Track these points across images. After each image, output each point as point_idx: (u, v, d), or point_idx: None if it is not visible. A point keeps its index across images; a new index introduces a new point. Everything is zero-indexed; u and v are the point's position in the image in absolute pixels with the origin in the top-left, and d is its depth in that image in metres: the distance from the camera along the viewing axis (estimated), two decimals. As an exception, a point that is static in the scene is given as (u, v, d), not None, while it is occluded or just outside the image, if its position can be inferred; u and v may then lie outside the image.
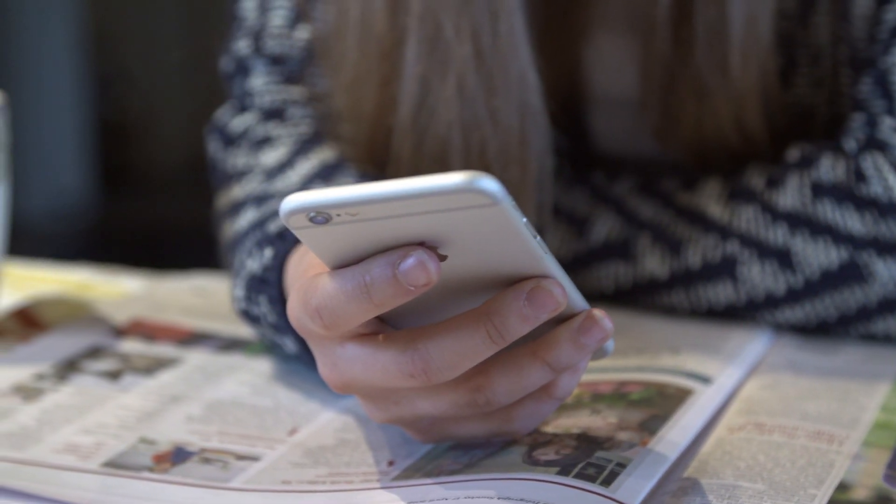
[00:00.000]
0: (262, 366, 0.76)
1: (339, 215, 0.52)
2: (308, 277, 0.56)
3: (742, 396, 0.69)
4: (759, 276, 0.77)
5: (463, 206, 0.51)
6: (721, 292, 0.78)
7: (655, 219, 0.80)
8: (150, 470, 0.63)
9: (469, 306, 0.56)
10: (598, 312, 0.57)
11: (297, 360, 0.74)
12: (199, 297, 0.88)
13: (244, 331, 0.80)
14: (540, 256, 0.54)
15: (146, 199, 3.20)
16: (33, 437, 0.66)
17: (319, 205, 0.51)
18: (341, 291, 0.54)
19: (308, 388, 0.72)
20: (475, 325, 0.55)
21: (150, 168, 3.31)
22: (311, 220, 0.52)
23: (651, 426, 0.64)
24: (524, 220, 0.52)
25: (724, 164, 0.81)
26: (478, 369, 0.57)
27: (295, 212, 0.52)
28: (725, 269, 0.78)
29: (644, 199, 0.81)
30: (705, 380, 0.70)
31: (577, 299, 0.57)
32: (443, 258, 0.54)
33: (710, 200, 0.80)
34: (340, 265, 0.55)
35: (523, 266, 0.55)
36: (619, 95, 0.85)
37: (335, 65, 0.80)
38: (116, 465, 0.64)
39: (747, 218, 0.78)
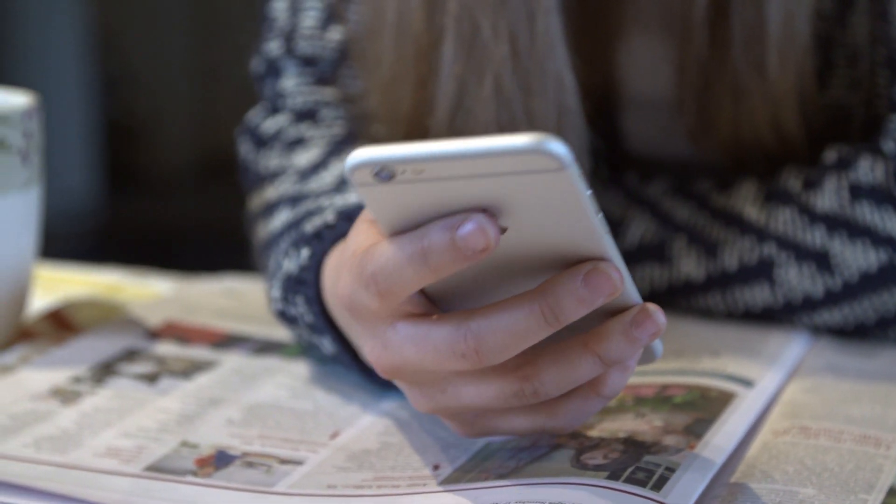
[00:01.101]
0: (299, 368, 0.75)
1: (403, 172, 0.51)
2: (363, 249, 0.56)
3: (784, 400, 0.69)
4: (797, 279, 0.77)
5: (529, 169, 0.50)
6: (758, 295, 0.78)
7: (691, 221, 0.80)
8: (194, 474, 0.63)
9: (522, 289, 0.55)
10: (652, 306, 0.56)
11: (334, 362, 0.74)
12: (231, 298, 0.87)
13: (279, 333, 0.80)
14: (600, 235, 0.54)
15: (153, 200, 3.20)
16: (74, 440, 0.66)
17: (386, 160, 0.51)
18: (399, 256, 0.53)
19: (347, 390, 0.72)
20: (530, 306, 0.54)
21: (156, 169, 3.31)
22: (376, 175, 0.51)
23: (697, 430, 0.63)
24: (589, 191, 0.52)
25: (759, 165, 0.81)
26: (527, 359, 0.57)
27: (361, 166, 0.51)
28: (762, 271, 0.78)
29: (679, 200, 0.81)
30: (747, 383, 0.69)
31: (632, 291, 0.57)
32: (502, 230, 0.53)
33: (747, 202, 0.79)
34: (398, 231, 0.54)
35: (581, 245, 0.54)
36: (653, 96, 0.84)
37: (371, 66, 0.79)
38: (159, 468, 0.63)
39: (784, 220, 0.77)
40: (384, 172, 0.51)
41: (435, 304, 0.58)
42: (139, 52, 3.30)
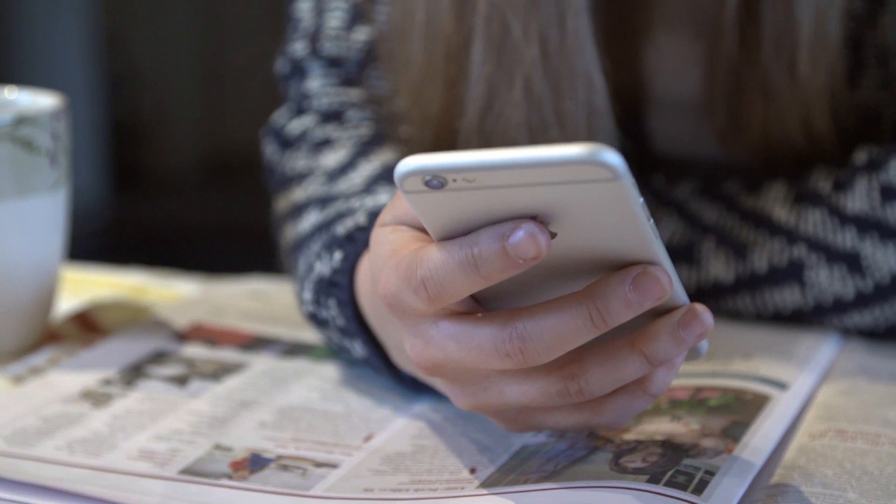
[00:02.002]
0: (328, 371, 0.75)
1: (454, 180, 0.51)
2: (410, 251, 0.55)
3: (818, 402, 0.69)
4: (828, 281, 0.76)
5: (582, 178, 0.50)
6: (788, 297, 0.78)
7: (719, 222, 0.80)
8: (229, 477, 0.62)
9: (568, 291, 0.55)
10: (700, 307, 0.56)
11: (365, 365, 0.73)
12: (257, 300, 0.87)
13: (307, 335, 0.79)
14: (651, 240, 0.53)
15: (158, 200, 3.20)
16: (107, 443, 0.66)
17: (437, 168, 0.50)
18: (449, 262, 0.53)
19: (378, 393, 0.71)
20: (577, 308, 0.54)
21: (161, 169, 3.31)
22: (427, 183, 0.51)
23: (734, 433, 0.63)
24: (641, 199, 0.52)
25: (788, 165, 0.81)
26: (572, 357, 0.56)
27: (411, 174, 0.51)
28: (792, 273, 0.77)
29: (707, 202, 0.81)
30: (781, 385, 0.69)
31: (680, 292, 0.56)
32: (552, 236, 0.53)
33: (776, 204, 0.79)
34: (447, 236, 0.54)
35: (631, 250, 0.54)
36: (680, 97, 0.84)
37: (399, 67, 0.79)
38: (194, 472, 0.63)
39: (814, 221, 0.77)
40: (435, 181, 0.51)
41: (477, 301, 0.57)
42: (145, 52, 3.30)
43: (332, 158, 0.82)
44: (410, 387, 0.70)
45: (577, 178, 0.50)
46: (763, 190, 0.80)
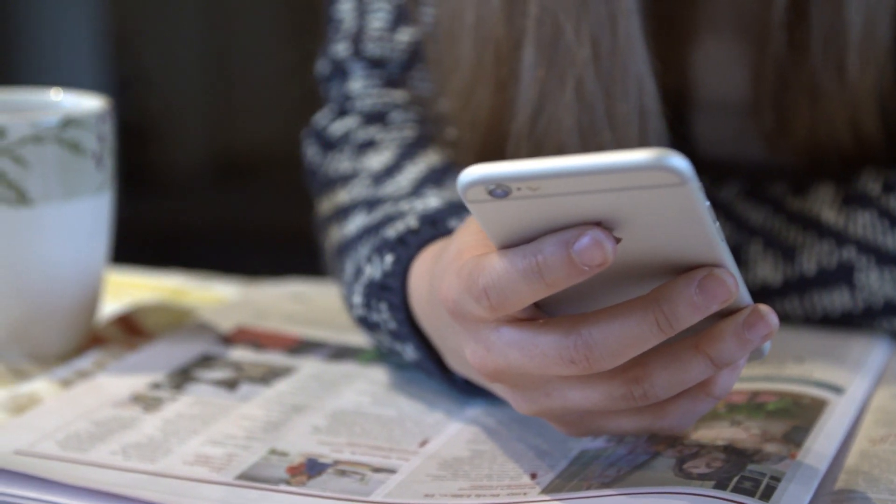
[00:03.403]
0: (377, 374, 0.74)
1: (519, 189, 0.50)
2: (471, 258, 0.55)
3: (875, 407, 0.68)
4: (878, 283, 0.76)
5: (649, 184, 0.50)
6: (837, 299, 0.77)
7: (766, 225, 0.79)
8: (287, 483, 0.62)
9: (629, 295, 0.55)
10: (764, 308, 0.56)
11: (416, 369, 0.73)
12: (298, 303, 0.86)
13: (353, 338, 0.79)
14: (716, 243, 0.53)
15: (165, 200, 3.19)
16: (162, 448, 0.65)
17: (502, 177, 0.50)
18: (512, 271, 0.53)
19: (429, 397, 0.71)
20: (643, 312, 0.53)
21: (169, 169, 3.30)
22: (491, 193, 0.51)
23: (795, 438, 0.62)
24: (707, 203, 0.51)
25: (835, 167, 0.80)
26: (636, 361, 0.56)
27: (475, 184, 0.50)
28: (842, 275, 0.77)
29: (753, 204, 0.80)
30: (837, 389, 0.69)
31: (744, 293, 0.56)
32: (616, 241, 0.52)
33: (824, 205, 0.78)
34: (509, 244, 0.53)
35: (696, 253, 0.53)
36: (726, 99, 0.84)
37: (447, 69, 0.78)
38: (251, 477, 0.62)
39: (864, 223, 0.77)
40: (499, 190, 0.50)
41: (539, 307, 0.57)
42: (153, 52, 3.30)
43: (376, 160, 0.81)
44: (463, 390, 0.70)
45: (643, 184, 0.50)
46: (810, 192, 0.80)
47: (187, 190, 3.25)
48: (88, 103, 0.77)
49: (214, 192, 3.20)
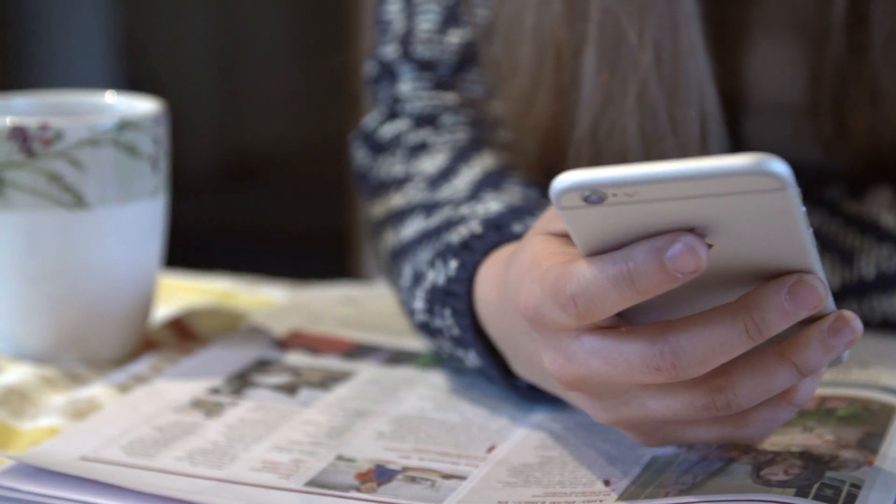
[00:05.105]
0: (437, 379, 0.74)
1: (615, 195, 0.50)
2: (555, 265, 0.54)
3: (943, 412, 0.68)
4: (938, 288, 0.76)
5: (746, 189, 0.49)
6: (897, 304, 0.77)
7: (823, 228, 0.79)
8: (357, 489, 0.61)
9: (713, 303, 0.54)
10: (849, 313, 0.55)
11: (477, 374, 0.72)
12: (350, 307, 0.86)
13: (408, 342, 0.78)
14: (809, 249, 0.52)
15: (176, 201, 3.18)
16: (227, 454, 0.65)
17: (598, 183, 0.49)
18: (602, 278, 0.52)
19: (492, 403, 0.70)
20: (732, 320, 0.53)
21: (179, 170, 3.29)
22: (586, 199, 0.50)
23: (870, 444, 0.62)
24: (803, 208, 0.51)
25: (893, 170, 0.80)
26: (719, 370, 0.55)
27: (570, 190, 0.50)
28: (902, 280, 0.76)
29: (808, 208, 0.80)
30: (905, 395, 0.68)
31: (829, 300, 0.55)
32: (708, 247, 0.52)
33: (882, 209, 0.78)
34: (596, 251, 0.53)
35: (786, 259, 0.53)
36: (780, 103, 0.83)
37: (505, 73, 0.78)
38: (320, 483, 0.62)
39: (923, 228, 0.76)
40: (594, 196, 0.50)
41: (621, 315, 0.56)
42: (163, 54, 3.29)
43: (430, 164, 0.80)
44: (527, 396, 0.69)
45: (741, 189, 0.49)
46: (867, 195, 0.79)
47: (197, 191, 3.24)
48: (143, 106, 0.77)
49: (224, 193, 3.20)
